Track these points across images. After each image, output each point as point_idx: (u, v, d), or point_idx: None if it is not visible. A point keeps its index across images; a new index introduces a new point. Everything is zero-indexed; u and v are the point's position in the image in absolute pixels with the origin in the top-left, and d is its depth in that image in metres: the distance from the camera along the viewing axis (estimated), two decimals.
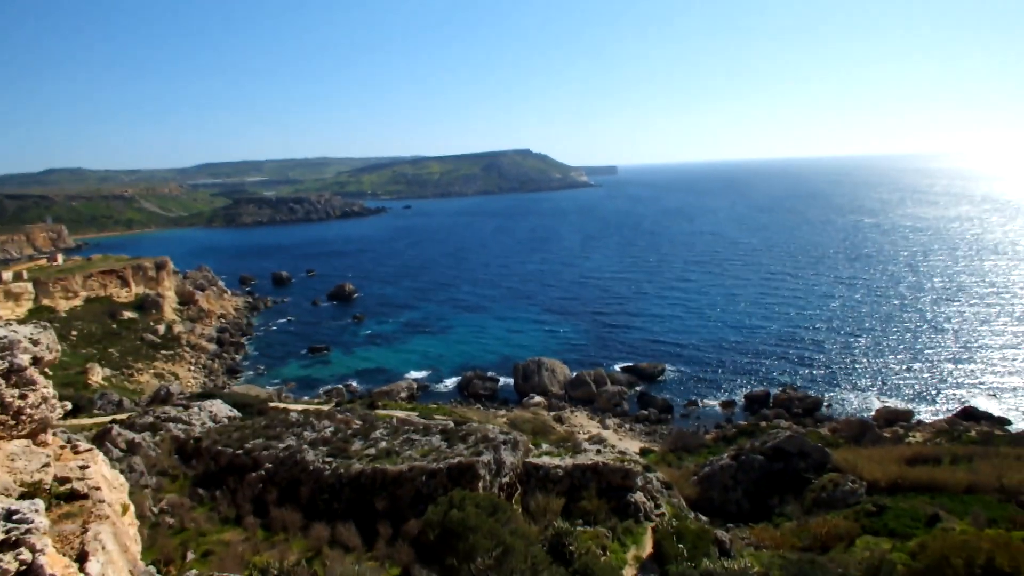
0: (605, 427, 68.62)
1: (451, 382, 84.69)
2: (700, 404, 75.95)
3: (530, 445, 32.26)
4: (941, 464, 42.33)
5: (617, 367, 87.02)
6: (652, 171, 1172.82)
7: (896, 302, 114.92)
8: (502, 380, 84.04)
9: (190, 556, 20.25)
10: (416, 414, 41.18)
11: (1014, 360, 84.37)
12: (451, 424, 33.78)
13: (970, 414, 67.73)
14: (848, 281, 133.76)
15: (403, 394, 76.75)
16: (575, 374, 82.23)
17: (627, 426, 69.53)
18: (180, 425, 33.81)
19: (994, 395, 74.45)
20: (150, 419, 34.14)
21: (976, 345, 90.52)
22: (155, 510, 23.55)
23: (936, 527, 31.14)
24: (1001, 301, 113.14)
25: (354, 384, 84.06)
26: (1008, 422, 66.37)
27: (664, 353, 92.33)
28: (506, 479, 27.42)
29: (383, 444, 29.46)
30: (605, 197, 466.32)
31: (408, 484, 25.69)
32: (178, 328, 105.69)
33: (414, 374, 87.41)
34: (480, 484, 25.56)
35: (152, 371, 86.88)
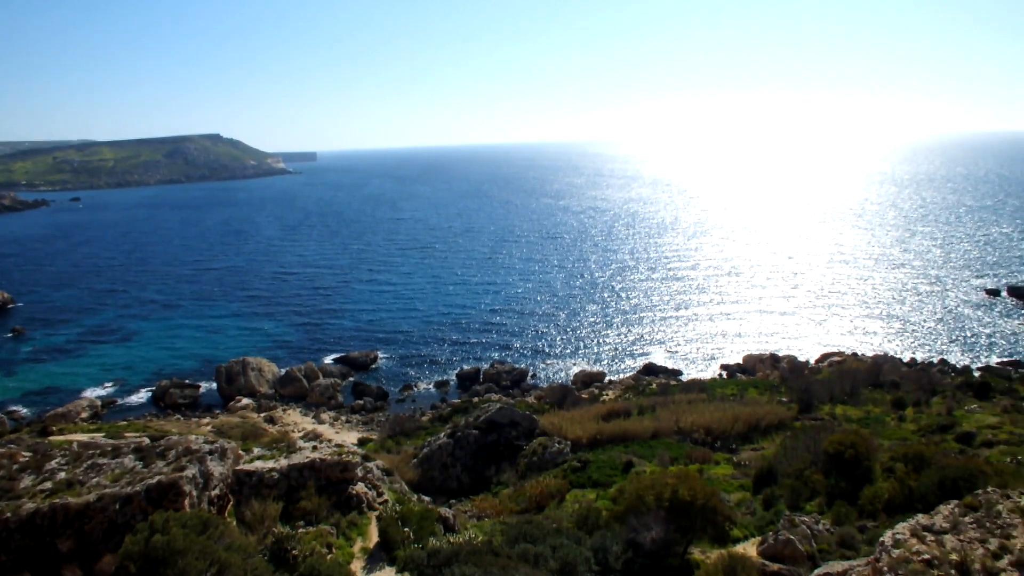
0: (320, 422, 66.53)
1: (143, 394, 75.94)
2: (415, 387, 77.05)
3: (240, 451, 29.84)
4: (631, 416, 47.48)
5: (328, 359, 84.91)
6: (353, 157, 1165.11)
7: (587, 276, 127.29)
8: (204, 385, 77.42)
9: None
10: (102, 435, 35.94)
11: (681, 320, 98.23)
12: (146, 440, 29.95)
13: (650, 369, 77.65)
14: (544, 259, 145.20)
15: (84, 414, 66.94)
16: (284, 371, 78.61)
17: (343, 418, 68.11)
18: None
19: (668, 351, 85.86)
20: None
21: (652, 309, 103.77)
22: None
23: (631, 472, 34.72)
24: (671, 270, 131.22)
25: (19, 410, 71.41)
26: (680, 373, 77.27)
27: (376, 341, 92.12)
28: (216, 492, 24.98)
29: (62, 475, 25.08)
30: (305, 184, 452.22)
31: (99, 516, 22.15)
32: None
33: (96, 390, 76.68)
34: (186, 502, 22.93)
35: None
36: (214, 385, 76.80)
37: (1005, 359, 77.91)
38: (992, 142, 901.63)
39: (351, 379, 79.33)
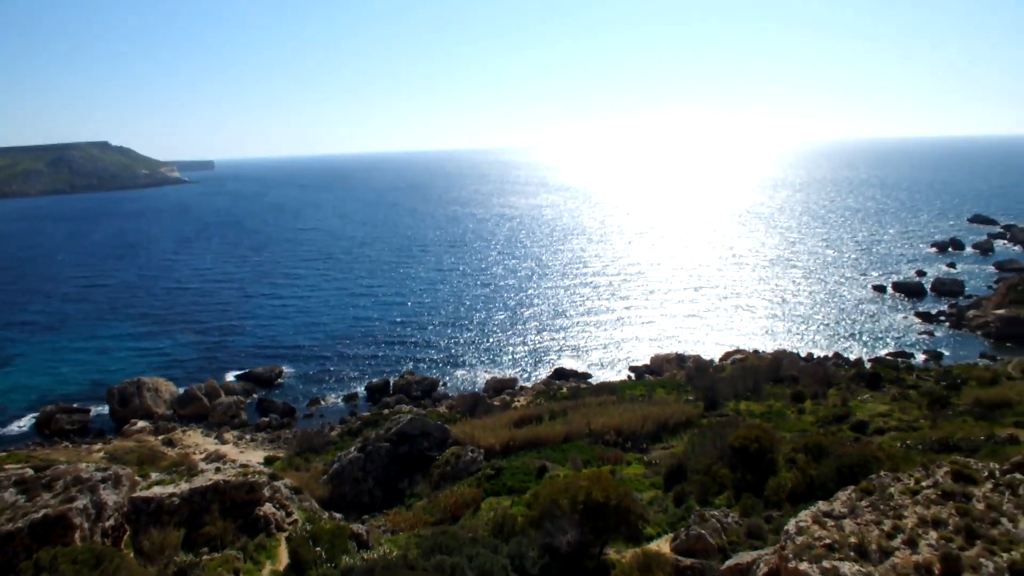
0: (224, 442, 63.81)
1: (25, 422, 70.78)
2: (323, 402, 75.09)
3: (137, 477, 28.18)
4: (543, 421, 47.75)
5: (231, 376, 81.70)
6: (253, 165, 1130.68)
7: (494, 283, 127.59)
8: (94, 409, 72.96)
9: None
10: None
11: (589, 323, 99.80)
12: (30, 471, 27.84)
13: (561, 373, 78.42)
14: (451, 268, 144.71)
15: None
16: (183, 390, 75.02)
17: (248, 437, 65.60)
18: None
19: (578, 355, 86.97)
20: None
21: (561, 314, 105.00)
22: None
23: (545, 477, 34.82)
24: (578, 274, 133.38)
25: None
26: (590, 376, 78.36)
27: (280, 356, 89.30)
28: (110, 522, 23.49)
29: None
30: (202, 194, 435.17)
31: None
32: None
33: None
34: (77, 535, 21.45)
35: None
36: (106, 408, 72.53)
37: (893, 351, 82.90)
38: (874, 147, 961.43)
39: (255, 396, 76.55)
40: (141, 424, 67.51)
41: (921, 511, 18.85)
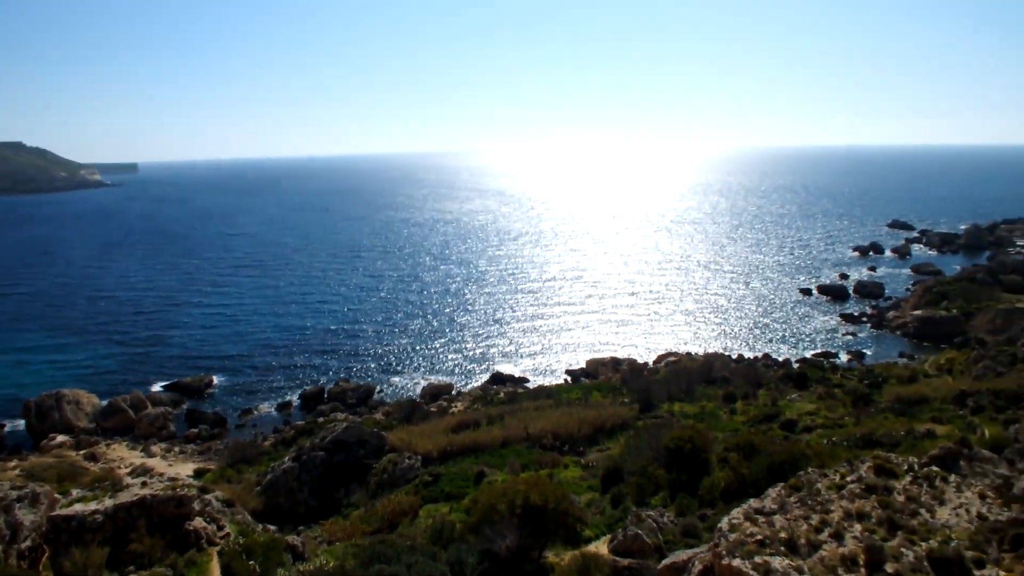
0: (151, 455, 61.60)
1: None
2: (255, 411, 73.30)
3: (56, 495, 26.92)
4: (480, 427, 47.69)
5: (157, 387, 79.00)
6: (180, 168, 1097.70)
7: (432, 289, 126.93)
8: (8, 424, 69.44)
9: None
10: None
11: (526, 328, 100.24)
12: None
13: (498, 378, 78.49)
14: (386, 274, 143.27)
15: None
16: (107, 402, 72.08)
17: (177, 449, 63.46)
18: None
19: (514, 360, 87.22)
20: None
21: (498, 319, 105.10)
22: None
23: (483, 482, 34.77)
24: (514, 280, 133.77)
25: None
26: (527, 380, 78.64)
27: (210, 365, 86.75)
28: (27, 543, 22.38)
29: None
30: (125, 199, 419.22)
31: None
32: None
33: None
34: None
35: None
36: (21, 423, 69.12)
37: (819, 351, 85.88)
38: (800, 155, 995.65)
39: (184, 407, 74.12)
40: (61, 439, 64.53)
41: (846, 505, 19.59)
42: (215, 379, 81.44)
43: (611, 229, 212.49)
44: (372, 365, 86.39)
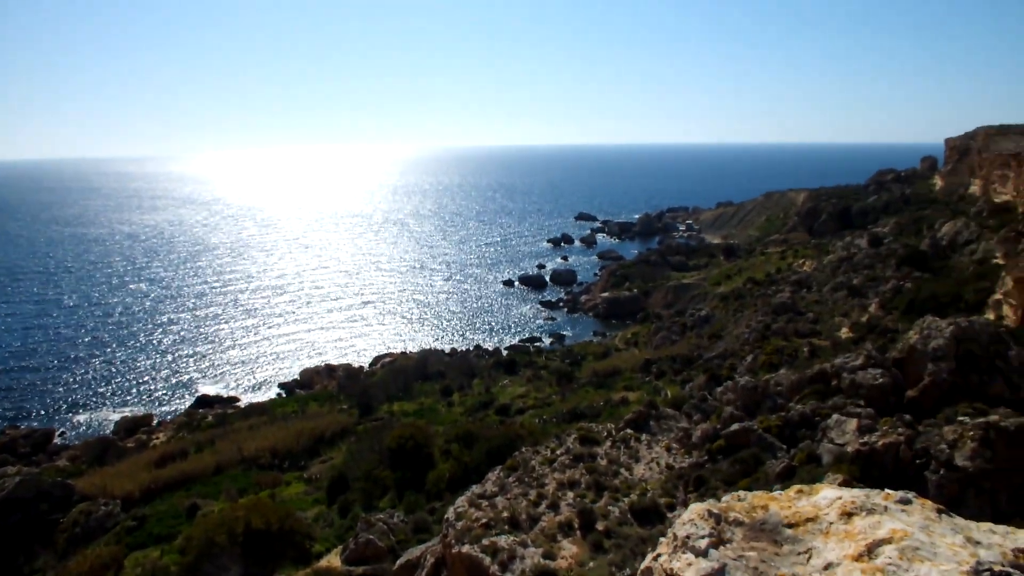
0: None
1: None
2: None
3: None
4: (188, 456, 43.79)
5: None
6: None
7: (118, 312, 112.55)
8: None
9: None
10: None
11: (231, 345, 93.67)
12: None
13: (204, 401, 72.40)
14: (57, 299, 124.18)
15: None
16: None
17: None
18: None
19: (221, 379, 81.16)
20: None
21: (199, 338, 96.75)
22: None
23: (197, 515, 31.99)
24: (215, 294, 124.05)
25: None
26: (237, 399, 73.52)
27: None
28: None
29: None
30: None
31: None
32: None
33: None
34: None
35: None
36: None
37: (525, 337, 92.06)
38: (497, 154, 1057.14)
39: None
40: None
41: (559, 476, 21.34)
42: None
43: (318, 235, 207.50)
44: (48, 406, 74.56)
